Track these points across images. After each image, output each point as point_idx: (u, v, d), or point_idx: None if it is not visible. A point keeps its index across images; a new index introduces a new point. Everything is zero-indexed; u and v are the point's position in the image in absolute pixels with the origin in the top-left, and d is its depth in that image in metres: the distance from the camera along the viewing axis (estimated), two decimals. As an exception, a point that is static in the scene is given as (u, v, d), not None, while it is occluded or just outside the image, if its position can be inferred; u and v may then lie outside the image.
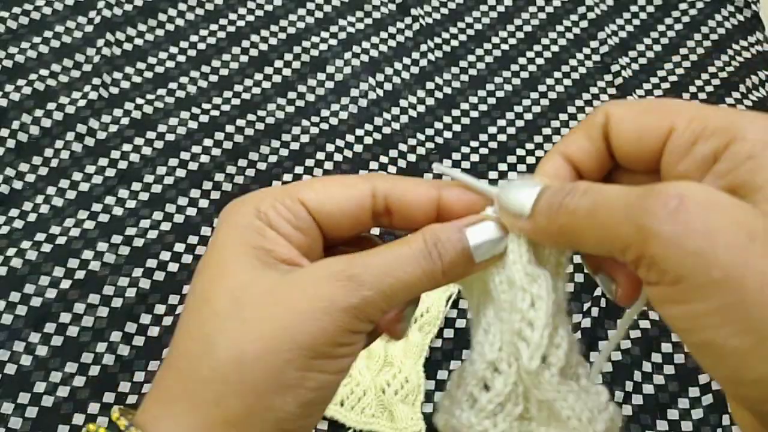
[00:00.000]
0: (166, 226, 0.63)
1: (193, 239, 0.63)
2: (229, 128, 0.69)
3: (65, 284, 0.59)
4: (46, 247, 0.61)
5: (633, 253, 0.22)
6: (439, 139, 0.71)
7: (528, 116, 0.73)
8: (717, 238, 0.21)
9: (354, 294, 0.25)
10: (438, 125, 0.72)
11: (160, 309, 0.59)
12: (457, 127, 0.72)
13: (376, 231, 0.37)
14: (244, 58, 0.75)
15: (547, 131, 0.72)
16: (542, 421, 0.27)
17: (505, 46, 0.78)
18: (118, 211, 0.64)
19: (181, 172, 0.66)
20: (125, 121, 0.69)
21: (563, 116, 0.73)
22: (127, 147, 0.67)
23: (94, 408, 0.55)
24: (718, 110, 0.25)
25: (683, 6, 0.82)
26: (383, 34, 0.78)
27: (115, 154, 0.67)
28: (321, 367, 0.25)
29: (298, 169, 0.67)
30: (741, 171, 0.23)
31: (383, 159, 0.68)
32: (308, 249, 0.28)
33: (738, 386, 0.22)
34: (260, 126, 0.70)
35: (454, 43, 0.78)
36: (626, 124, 0.26)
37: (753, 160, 0.23)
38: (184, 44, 0.75)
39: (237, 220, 0.27)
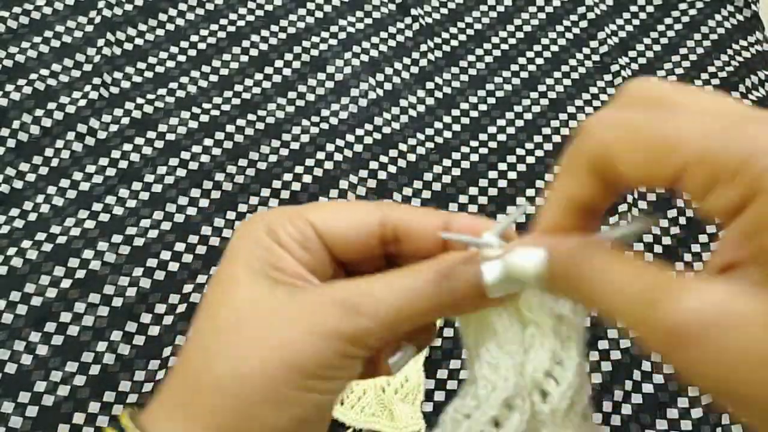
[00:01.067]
0: (166, 226, 0.63)
1: (193, 239, 0.63)
2: (230, 128, 0.69)
3: (66, 283, 0.59)
4: (47, 247, 0.61)
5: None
6: (439, 139, 0.71)
7: (528, 116, 0.73)
8: (738, 366, 0.19)
9: (352, 323, 0.26)
10: (438, 125, 0.72)
11: (160, 308, 0.59)
12: (456, 127, 0.72)
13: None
14: (244, 58, 0.75)
15: (547, 131, 0.72)
16: None
17: (504, 46, 0.78)
18: (118, 210, 0.64)
19: (181, 172, 0.66)
20: (125, 120, 0.69)
21: (563, 116, 0.73)
22: (127, 146, 0.67)
23: (94, 407, 0.55)
24: (730, 141, 0.20)
25: (683, 6, 0.82)
26: (383, 34, 0.78)
27: (116, 154, 0.67)
28: (315, 388, 0.26)
29: (298, 169, 0.67)
30: (765, 241, 0.20)
31: (383, 159, 0.69)
32: (315, 267, 0.29)
33: None
34: (260, 126, 0.70)
35: (454, 43, 0.78)
36: (629, 159, 0.22)
37: None
38: (184, 44, 0.75)
39: (249, 234, 0.28)
